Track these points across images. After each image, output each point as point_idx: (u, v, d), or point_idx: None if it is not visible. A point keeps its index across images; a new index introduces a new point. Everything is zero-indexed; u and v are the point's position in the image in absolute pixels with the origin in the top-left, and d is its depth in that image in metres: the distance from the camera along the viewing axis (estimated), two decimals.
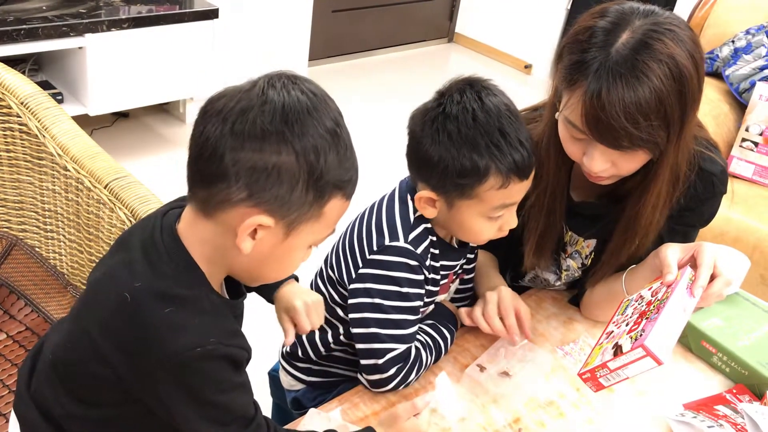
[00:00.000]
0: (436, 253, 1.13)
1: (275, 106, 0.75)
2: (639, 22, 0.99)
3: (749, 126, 2.49)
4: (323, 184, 0.78)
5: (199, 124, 0.78)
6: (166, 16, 2.76)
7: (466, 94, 1.03)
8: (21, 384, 0.98)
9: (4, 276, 1.46)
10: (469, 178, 1.02)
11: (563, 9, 4.27)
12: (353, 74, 4.26)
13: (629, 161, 1.05)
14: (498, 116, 1.02)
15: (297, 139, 0.75)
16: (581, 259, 1.30)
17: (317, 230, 0.82)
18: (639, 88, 0.95)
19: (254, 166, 0.75)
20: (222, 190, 0.76)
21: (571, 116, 1.03)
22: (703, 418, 1.10)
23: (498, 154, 1.01)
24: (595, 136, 1.01)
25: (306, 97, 0.77)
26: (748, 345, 1.26)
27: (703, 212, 1.22)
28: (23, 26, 2.42)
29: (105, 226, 1.27)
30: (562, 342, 1.29)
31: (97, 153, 1.32)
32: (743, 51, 2.63)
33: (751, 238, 2.17)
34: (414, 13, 4.67)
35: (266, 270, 0.86)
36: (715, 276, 1.05)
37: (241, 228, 0.77)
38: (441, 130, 1.02)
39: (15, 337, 1.37)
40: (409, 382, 1.13)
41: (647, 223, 1.14)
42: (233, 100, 0.76)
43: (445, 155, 1.02)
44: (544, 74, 4.49)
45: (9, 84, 1.36)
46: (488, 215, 1.06)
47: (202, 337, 0.78)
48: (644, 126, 0.97)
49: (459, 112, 1.02)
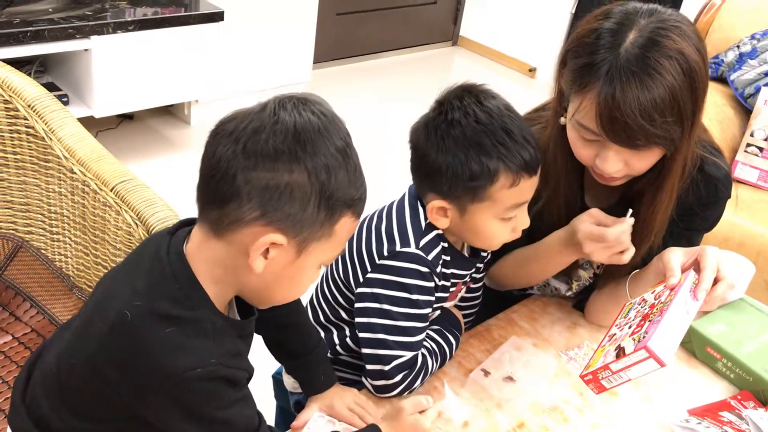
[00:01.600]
0: (447, 260, 1.13)
1: (287, 126, 0.77)
2: (644, 21, 0.99)
3: (754, 131, 2.49)
4: (334, 203, 0.79)
5: (211, 146, 0.79)
6: (171, 19, 2.76)
7: (464, 99, 1.04)
8: (16, 395, 0.97)
9: (10, 278, 1.46)
10: (480, 180, 1.02)
11: (568, 13, 4.27)
12: (358, 77, 4.27)
13: (642, 160, 1.05)
14: (500, 116, 1.02)
15: (309, 158, 0.76)
16: (593, 269, 1.30)
17: (328, 249, 0.83)
18: (653, 86, 0.96)
19: (267, 185, 0.76)
20: (234, 209, 0.77)
21: (584, 119, 1.03)
22: (707, 424, 1.10)
23: (506, 153, 1.01)
24: (610, 136, 1.01)
25: (317, 117, 0.79)
26: (752, 351, 1.25)
27: (707, 217, 1.22)
28: (29, 28, 2.42)
29: (111, 228, 1.28)
30: (567, 347, 1.29)
31: (103, 156, 1.33)
32: (748, 56, 2.62)
33: (756, 244, 2.17)
34: (418, 16, 4.67)
35: (277, 290, 0.86)
36: (719, 279, 1.05)
37: (255, 247, 0.78)
38: (446, 136, 1.02)
39: (20, 338, 1.38)
40: (414, 388, 1.13)
41: (662, 220, 1.14)
42: (245, 121, 0.77)
43: (453, 161, 1.02)
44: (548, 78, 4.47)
45: (16, 86, 1.37)
46: (502, 216, 1.06)
47: (203, 358, 0.79)
48: (660, 123, 0.97)
49: (461, 116, 1.02)
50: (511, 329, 1.31)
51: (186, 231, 0.87)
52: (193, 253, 0.83)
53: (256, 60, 3.42)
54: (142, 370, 0.79)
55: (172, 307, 0.80)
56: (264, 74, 3.49)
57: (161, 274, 0.82)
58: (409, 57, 4.72)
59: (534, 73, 4.56)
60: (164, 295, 0.81)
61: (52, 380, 0.91)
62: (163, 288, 0.81)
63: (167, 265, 0.82)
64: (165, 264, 0.83)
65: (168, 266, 0.82)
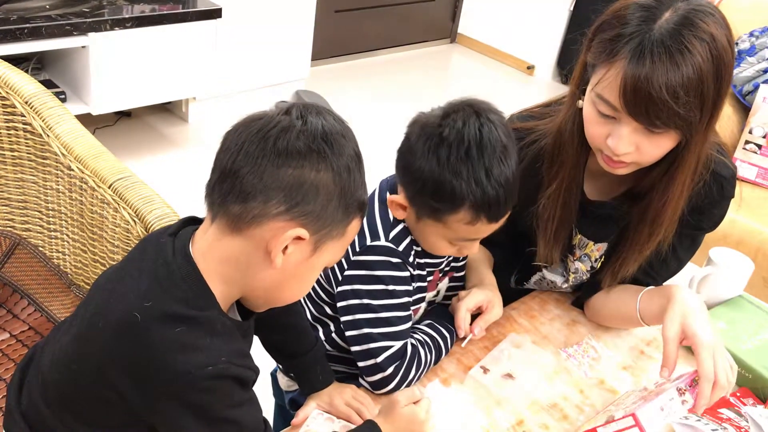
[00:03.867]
0: (418, 250, 1.14)
1: (316, 127, 0.80)
2: (681, 4, 1.00)
3: (752, 128, 2.49)
4: (349, 203, 0.83)
5: (234, 143, 0.80)
6: (169, 16, 2.76)
7: (468, 123, 1.03)
8: (11, 399, 0.96)
9: (8, 275, 1.46)
10: (443, 203, 1.03)
11: (566, 10, 4.27)
12: (356, 74, 4.26)
13: (654, 145, 1.04)
14: (491, 154, 1.02)
15: (335, 158, 0.80)
16: (590, 262, 1.29)
17: (337, 249, 0.86)
18: (682, 64, 0.96)
19: (296, 181, 0.78)
20: (260, 204, 0.79)
21: (605, 91, 1.02)
22: (707, 421, 1.10)
23: (476, 193, 1.01)
24: (630, 109, 1.00)
25: (338, 124, 0.84)
26: (752, 348, 1.25)
27: (713, 215, 1.23)
28: (27, 25, 2.42)
29: (109, 225, 1.27)
30: (566, 344, 1.29)
31: (101, 152, 1.32)
32: (747, 53, 2.62)
33: (755, 241, 2.17)
34: (417, 13, 4.67)
35: (286, 289, 0.87)
36: (716, 384, 1.04)
37: (279, 240, 0.80)
38: (432, 150, 1.03)
39: (18, 336, 1.37)
40: (410, 380, 1.13)
41: (672, 213, 1.14)
42: (273, 120, 0.80)
43: (428, 175, 1.03)
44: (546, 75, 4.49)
45: (13, 83, 1.36)
46: (451, 240, 1.09)
47: (213, 357, 0.79)
48: (683, 102, 0.97)
49: (454, 140, 1.02)
50: (510, 326, 1.31)
51: (189, 231, 0.87)
52: (202, 253, 0.84)
53: (254, 57, 3.42)
54: (152, 372, 0.78)
55: (183, 307, 0.80)
56: (262, 71, 3.49)
57: (169, 277, 0.82)
58: (408, 54, 4.72)
59: (532, 71, 4.55)
60: (174, 296, 0.81)
61: (52, 388, 0.90)
62: (173, 290, 0.81)
63: (175, 267, 0.83)
64: (173, 266, 0.83)
65: (176, 268, 0.83)
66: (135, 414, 0.82)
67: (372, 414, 1.08)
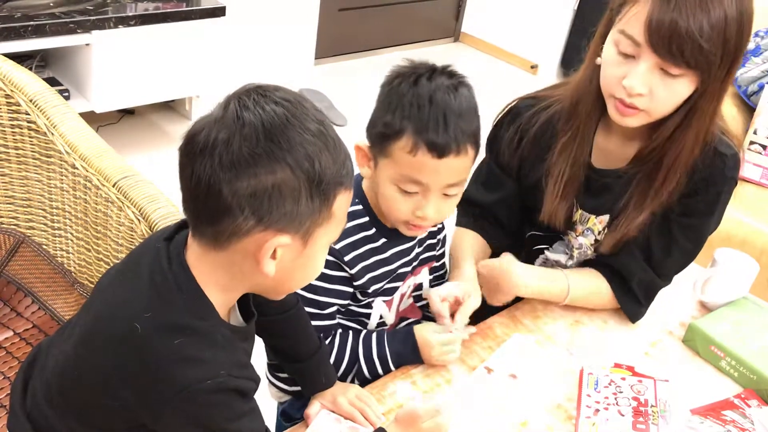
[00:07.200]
0: (383, 243, 1.15)
1: (255, 127, 0.74)
2: None
3: (757, 129, 2.48)
4: (325, 187, 0.78)
5: (186, 166, 0.76)
6: (173, 14, 2.75)
7: (442, 76, 1.05)
8: (15, 401, 0.96)
9: (12, 273, 1.46)
10: (387, 130, 1.04)
11: (570, 9, 4.26)
12: (360, 73, 4.26)
13: (668, 90, 1.07)
14: (459, 104, 1.03)
15: (287, 153, 0.75)
16: (594, 236, 1.30)
17: (332, 229, 0.83)
18: (710, 6, 1.01)
19: (254, 191, 0.74)
20: (229, 224, 0.76)
21: (628, 25, 1.05)
22: (711, 423, 1.10)
23: (419, 119, 1.01)
24: (652, 42, 1.03)
25: (281, 107, 0.77)
26: (756, 349, 1.25)
27: (709, 194, 1.22)
28: (30, 23, 2.42)
29: (113, 224, 1.27)
30: (570, 344, 1.28)
31: (105, 151, 1.32)
32: (752, 53, 2.62)
33: (759, 242, 2.17)
34: (420, 12, 4.66)
35: (292, 281, 0.86)
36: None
37: (261, 253, 0.77)
38: (398, 90, 1.04)
39: (22, 334, 1.37)
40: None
41: (685, 160, 1.16)
42: (212, 132, 0.75)
43: (382, 105, 1.05)
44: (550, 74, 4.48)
45: (18, 81, 1.36)
46: (398, 183, 1.05)
47: (213, 370, 0.78)
48: (707, 37, 1.01)
49: (426, 85, 1.03)
50: (514, 327, 1.30)
51: (184, 236, 0.85)
52: (196, 263, 0.82)
53: (258, 55, 3.41)
54: (152, 384, 0.78)
55: (183, 318, 0.79)
56: (265, 70, 3.48)
57: (166, 286, 0.81)
58: (411, 53, 4.70)
59: (536, 70, 4.54)
60: (172, 306, 0.80)
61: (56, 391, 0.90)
62: (171, 300, 0.80)
63: (171, 275, 0.81)
64: (168, 275, 0.81)
65: (172, 277, 0.81)
66: (138, 421, 0.82)
67: (376, 414, 1.08)
